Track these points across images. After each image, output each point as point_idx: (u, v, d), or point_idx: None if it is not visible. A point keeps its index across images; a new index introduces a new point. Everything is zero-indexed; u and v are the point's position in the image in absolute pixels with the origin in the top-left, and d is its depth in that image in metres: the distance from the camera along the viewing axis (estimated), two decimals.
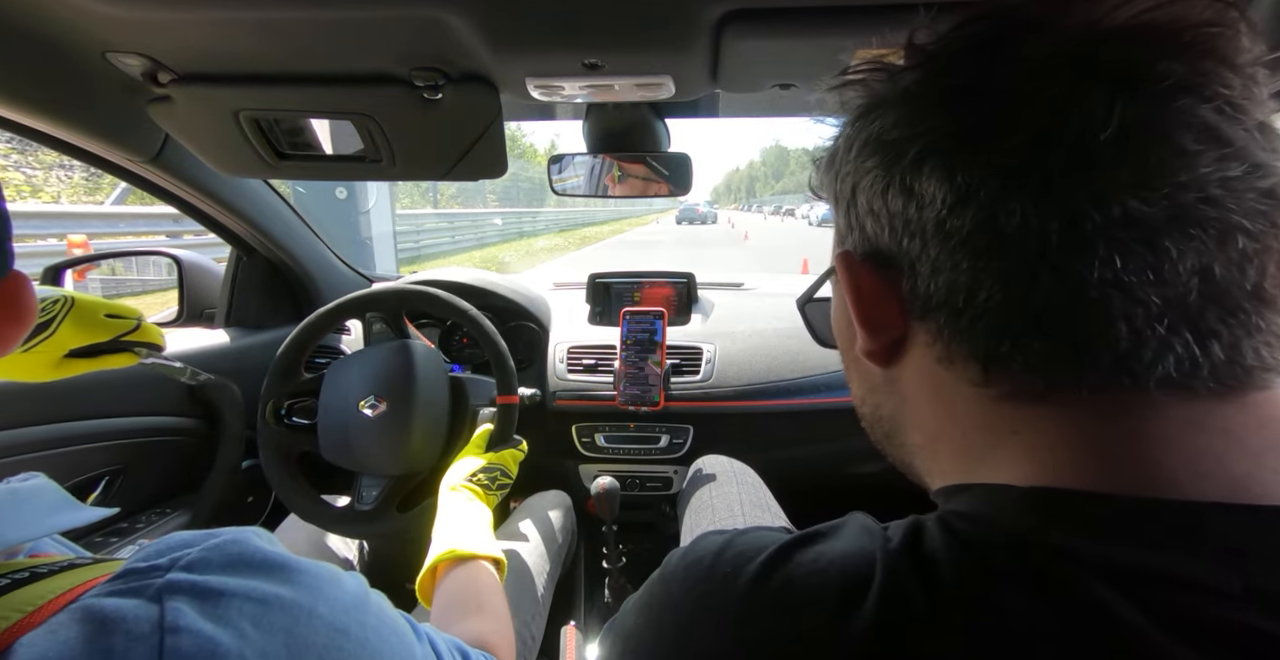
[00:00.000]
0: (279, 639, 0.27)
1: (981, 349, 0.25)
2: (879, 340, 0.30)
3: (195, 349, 1.16)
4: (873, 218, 0.28)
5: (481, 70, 0.67)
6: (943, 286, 0.26)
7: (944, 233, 0.25)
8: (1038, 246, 0.23)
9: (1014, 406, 0.26)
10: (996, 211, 0.24)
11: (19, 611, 0.24)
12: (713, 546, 0.30)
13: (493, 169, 0.82)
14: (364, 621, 0.31)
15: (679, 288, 1.36)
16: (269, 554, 0.30)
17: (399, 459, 0.88)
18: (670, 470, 1.23)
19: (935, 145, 0.25)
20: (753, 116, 1.02)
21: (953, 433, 0.29)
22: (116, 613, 0.24)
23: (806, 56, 0.62)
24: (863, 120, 0.29)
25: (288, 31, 0.59)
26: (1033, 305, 0.24)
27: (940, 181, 0.25)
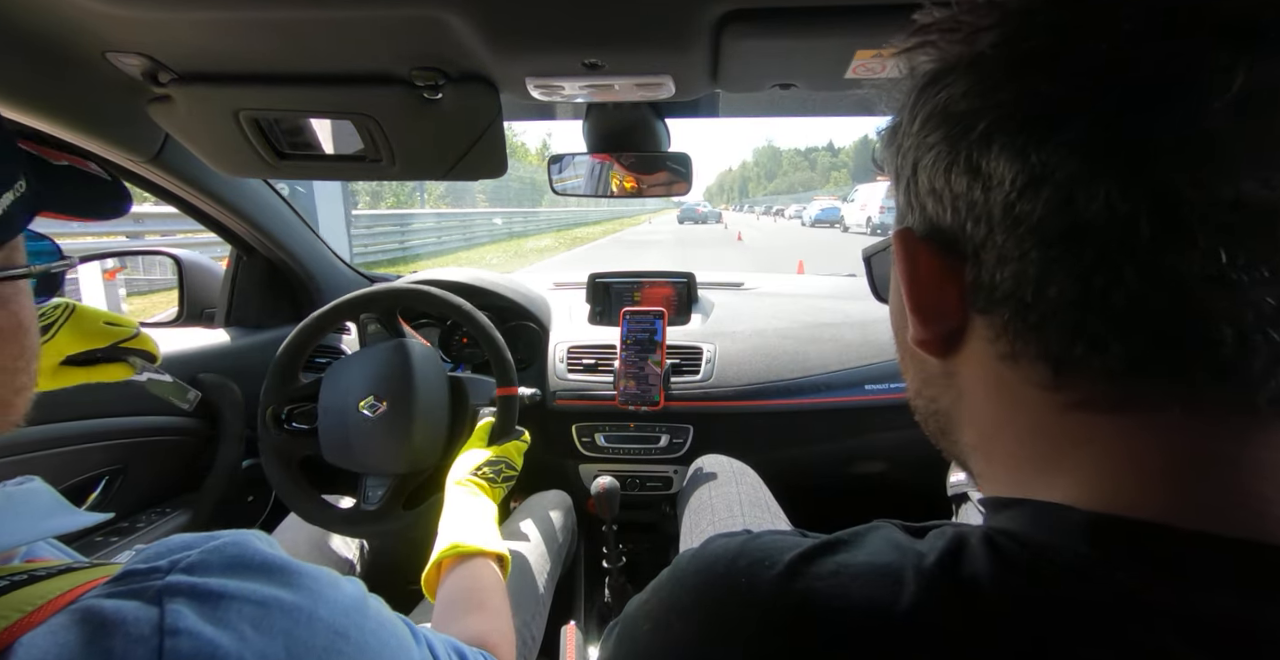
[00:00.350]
0: (279, 642, 0.27)
1: (1053, 350, 0.23)
2: (933, 330, 0.27)
3: (195, 349, 1.16)
4: (934, 198, 0.26)
5: (481, 70, 0.67)
6: (1009, 278, 0.23)
7: (1013, 218, 0.22)
8: (1123, 236, 0.20)
9: (1085, 416, 0.23)
10: (1075, 194, 0.21)
11: (18, 611, 0.24)
12: (726, 552, 0.28)
13: (493, 169, 0.82)
14: (363, 625, 0.31)
15: (679, 287, 1.36)
16: (269, 557, 0.30)
17: (402, 458, 0.88)
18: (670, 470, 1.23)
19: (1007, 118, 0.22)
20: (753, 116, 1.02)
21: (1011, 437, 0.26)
22: (116, 614, 0.24)
23: (806, 56, 0.62)
24: (929, 89, 0.26)
25: (288, 31, 0.59)
26: (1114, 304, 0.20)
27: (1010, 160, 0.22)
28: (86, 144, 0.79)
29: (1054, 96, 0.21)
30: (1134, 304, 0.20)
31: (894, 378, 1.17)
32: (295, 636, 0.27)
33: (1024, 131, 0.22)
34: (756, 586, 0.25)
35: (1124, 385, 0.22)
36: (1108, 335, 0.21)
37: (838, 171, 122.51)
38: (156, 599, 0.25)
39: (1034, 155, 0.21)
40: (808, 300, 1.38)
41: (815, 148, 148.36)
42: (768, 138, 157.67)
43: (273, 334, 1.27)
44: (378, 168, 0.81)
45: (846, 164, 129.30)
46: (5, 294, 0.31)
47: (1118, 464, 0.22)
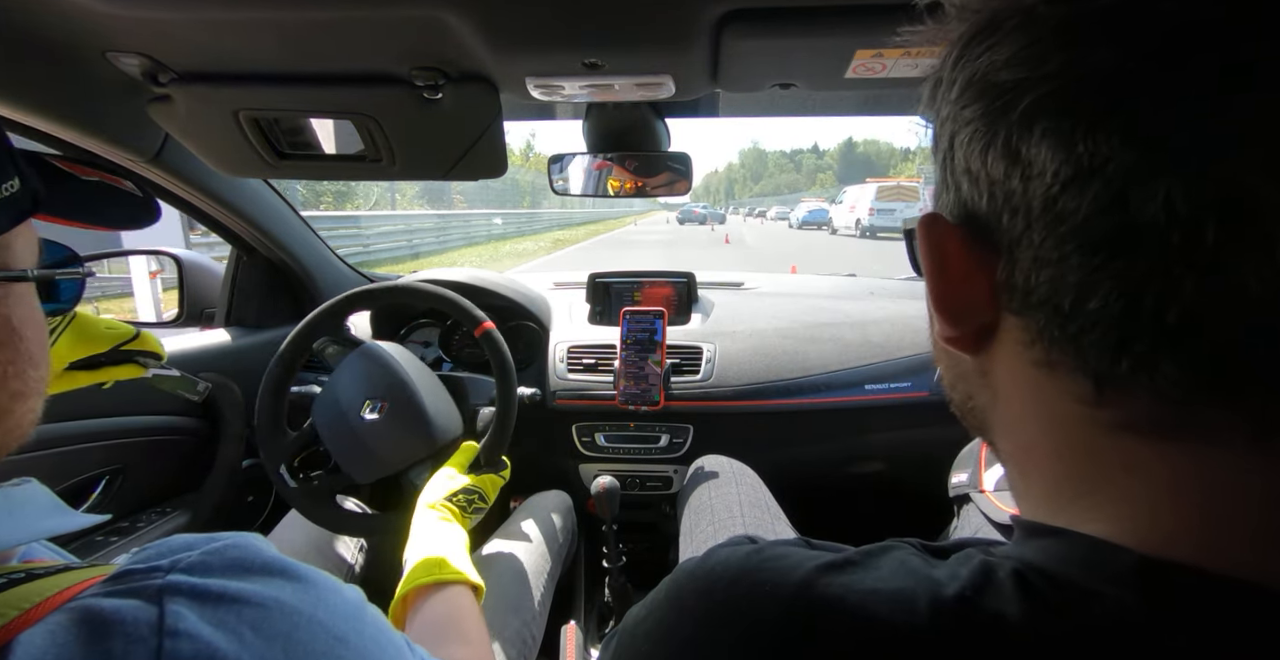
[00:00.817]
0: (278, 645, 0.26)
1: (1092, 365, 0.20)
2: (960, 328, 0.24)
3: (195, 349, 1.16)
4: (970, 179, 0.23)
5: (481, 70, 0.67)
6: (1045, 282, 0.20)
7: (1054, 214, 0.19)
8: (1184, 243, 0.17)
9: (1132, 440, 0.20)
10: (1129, 192, 0.18)
11: (16, 609, 0.24)
12: (727, 572, 0.26)
13: (493, 169, 0.82)
14: (362, 631, 0.31)
15: (679, 287, 1.36)
16: (271, 558, 0.30)
17: (428, 437, 0.89)
18: (670, 470, 1.23)
19: (1054, 96, 0.19)
20: (753, 116, 1.02)
21: (1048, 453, 0.23)
22: (115, 614, 0.24)
23: (806, 56, 0.62)
24: (973, 47, 0.22)
25: (288, 31, 0.59)
26: (1167, 318, 0.18)
27: (1055, 147, 0.19)
28: (86, 144, 0.79)
29: (1113, 71, 0.18)
30: (1191, 322, 0.18)
31: (894, 378, 1.16)
32: (295, 640, 0.27)
33: (1072, 113, 0.19)
34: (760, 612, 0.23)
35: (1179, 409, 0.19)
36: (1158, 353, 0.18)
37: (824, 173, 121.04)
38: (156, 598, 0.25)
39: (1082, 144, 0.18)
40: (807, 300, 1.38)
41: (800, 150, 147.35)
42: (753, 140, 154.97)
43: (273, 334, 1.27)
44: (378, 168, 0.81)
45: (831, 166, 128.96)
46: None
47: (1172, 500, 0.19)
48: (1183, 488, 0.19)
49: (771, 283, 1.53)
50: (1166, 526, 0.19)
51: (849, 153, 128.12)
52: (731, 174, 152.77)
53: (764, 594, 0.23)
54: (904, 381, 1.16)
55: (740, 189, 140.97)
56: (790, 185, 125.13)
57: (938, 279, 0.24)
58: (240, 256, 1.26)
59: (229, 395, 1.15)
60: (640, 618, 0.28)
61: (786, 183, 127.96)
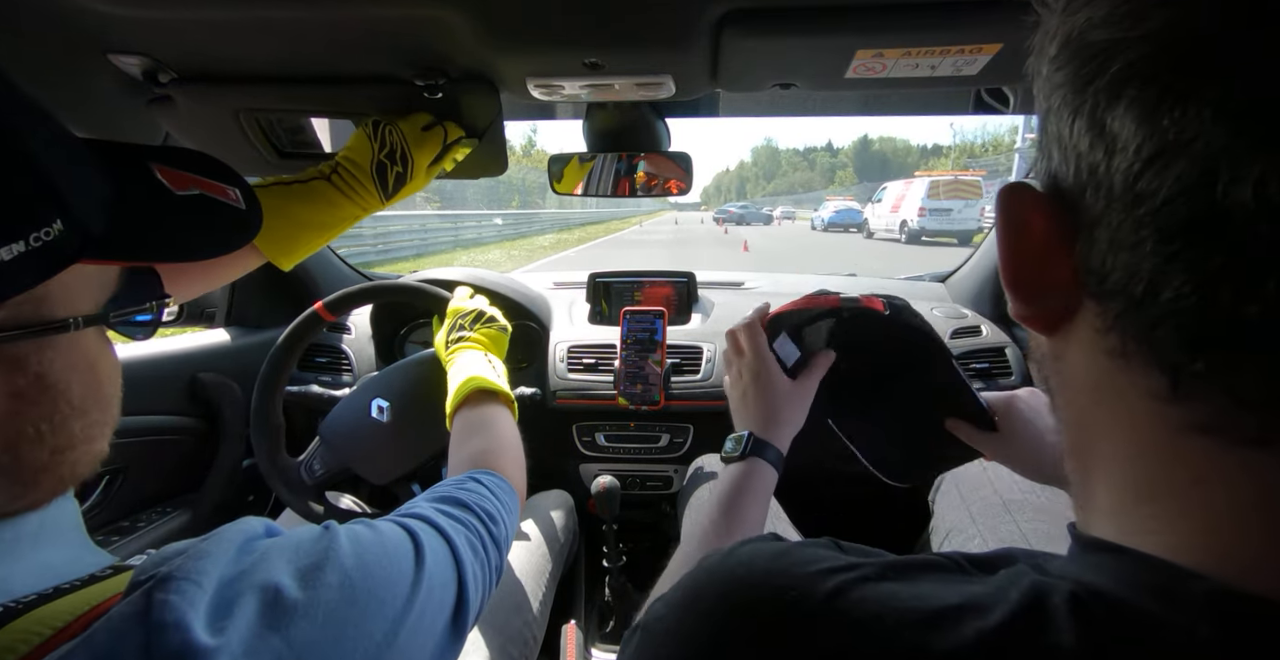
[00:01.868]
0: (256, 624, 0.27)
1: (1168, 360, 0.18)
2: (1033, 308, 0.23)
3: (195, 349, 1.16)
4: (1060, 149, 0.21)
5: (482, 70, 0.67)
6: (1120, 268, 0.19)
7: (1133, 195, 0.18)
8: (1275, 232, 0.15)
9: (1208, 443, 0.18)
10: (1216, 173, 0.16)
11: (38, 635, 0.24)
12: (749, 574, 0.24)
13: (493, 168, 0.82)
14: (341, 565, 0.31)
15: (679, 287, 1.36)
16: (256, 529, 0.31)
17: (441, 431, 0.89)
18: (670, 469, 1.23)
19: (1146, 61, 0.17)
20: (753, 116, 1.02)
21: (1112, 453, 0.21)
22: (106, 624, 0.24)
23: (806, 56, 0.62)
24: (1072, 3, 0.20)
25: (288, 31, 0.59)
26: (1248, 319, 0.16)
27: (1140, 120, 0.17)
28: None
29: (1213, 36, 0.16)
30: (1274, 321, 0.16)
31: None
32: (269, 608, 0.27)
33: (1161, 82, 0.17)
34: (782, 621, 0.21)
35: (1263, 416, 0.17)
36: (1236, 352, 0.17)
37: (842, 170, 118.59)
38: (146, 594, 0.25)
39: (1168, 116, 0.17)
40: None
41: (814, 148, 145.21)
42: (766, 137, 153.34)
43: (273, 334, 1.27)
44: None
45: (847, 164, 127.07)
46: (22, 353, 0.28)
47: (1256, 517, 0.17)
48: (1264, 508, 0.17)
49: (771, 282, 1.53)
50: (1235, 545, 0.17)
51: (864, 151, 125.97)
52: (743, 172, 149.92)
53: (789, 602, 0.22)
54: None
55: (753, 187, 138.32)
56: (805, 183, 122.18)
57: (1012, 252, 0.23)
58: None
59: (229, 395, 1.15)
60: (660, 616, 0.27)
61: (801, 181, 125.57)
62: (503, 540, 0.49)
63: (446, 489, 0.49)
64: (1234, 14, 0.16)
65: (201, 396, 1.13)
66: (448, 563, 0.39)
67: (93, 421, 0.32)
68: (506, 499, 0.53)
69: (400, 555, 0.35)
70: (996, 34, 0.55)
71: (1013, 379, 1.16)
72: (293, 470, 0.91)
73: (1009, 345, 1.20)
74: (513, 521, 0.53)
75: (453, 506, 0.46)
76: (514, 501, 0.55)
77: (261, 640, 0.26)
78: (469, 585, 0.40)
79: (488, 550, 0.45)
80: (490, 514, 0.48)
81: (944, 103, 0.97)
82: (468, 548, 0.42)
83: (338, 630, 0.29)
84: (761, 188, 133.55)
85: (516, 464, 0.62)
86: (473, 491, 0.49)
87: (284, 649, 0.27)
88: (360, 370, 1.24)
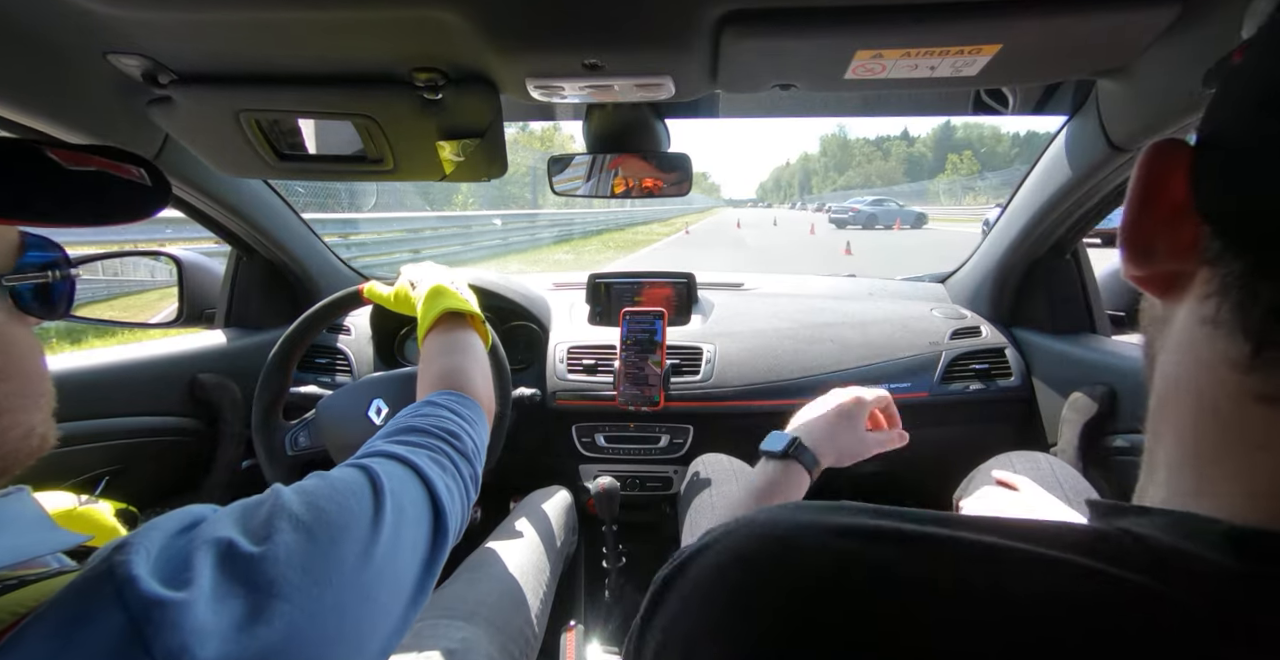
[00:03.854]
0: (219, 567, 0.28)
1: (1255, 327, 0.19)
2: (1145, 269, 0.23)
3: (195, 349, 1.16)
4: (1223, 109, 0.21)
5: (482, 71, 0.67)
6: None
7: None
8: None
9: (1273, 412, 0.19)
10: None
11: (11, 614, 0.25)
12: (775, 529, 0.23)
13: (493, 170, 0.82)
14: (291, 512, 0.33)
15: (679, 288, 1.36)
16: (195, 512, 0.32)
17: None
18: (670, 470, 1.23)
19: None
20: (753, 117, 1.02)
21: (1182, 415, 0.22)
22: (70, 588, 0.25)
23: (806, 57, 0.62)
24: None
25: (288, 32, 0.59)
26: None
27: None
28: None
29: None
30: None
31: (894, 378, 1.17)
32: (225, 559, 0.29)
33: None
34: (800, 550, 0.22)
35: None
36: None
37: (956, 155, 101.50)
38: (106, 559, 0.26)
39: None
40: (808, 300, 1.38)
41: (888, 137, 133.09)
42: (839, 125, 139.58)
43: (272, 334, 1.27)
44: (377, 168, 0.81)
45: (925, 154, 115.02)
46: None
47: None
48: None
49: (771, 283, 1.53)
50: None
51: (946, 139, 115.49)
52: (809, 164, 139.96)
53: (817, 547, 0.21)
54: (904, 382, 1.16)
55: (820, 182, 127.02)
56: (884, 175, 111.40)
57: (1140, 213, 0.23)
58: (240, 257, 1.27)
59: (229, 395, 1.15)
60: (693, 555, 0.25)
61: (879, 172, 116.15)
62: (471, 453, 0.50)
63: (400, 420, 0.51)
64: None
65: (201, 397, 1.13)
66: (412, 482, 0.41)
67: (14, 390, 0.33)
68: (468, 412, 0.54)
69: (352, 488, 0.37)
70: (996, 35, 0.55)
71: (1012, 379, 1.16)
72: (280, 433, 0.94)
73: (1009, 346, 1.20)
74: (479, 433, 0.54)
75: (408, 434, 0.48)
76: (478, 413, 0.57)
77: (225, 588, 0.27)
78: (442, 497, 0.42)
79: (456, 464, 0.47)
80: (451, 431, 0.50)
81: (944, 103, 0.97)
82: (433, 465, 0.44)
83: (304, 563, 0.30)
84: (831, 181, 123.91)
85: (483, 380, 0.64)
86: (428, 416, 0.51)
87: (250, 594, 0.28)
88: (360, 371, 1.24)
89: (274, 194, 1.19)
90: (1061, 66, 0.67)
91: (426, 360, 0.65)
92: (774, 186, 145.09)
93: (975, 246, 1.31)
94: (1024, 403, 1.16)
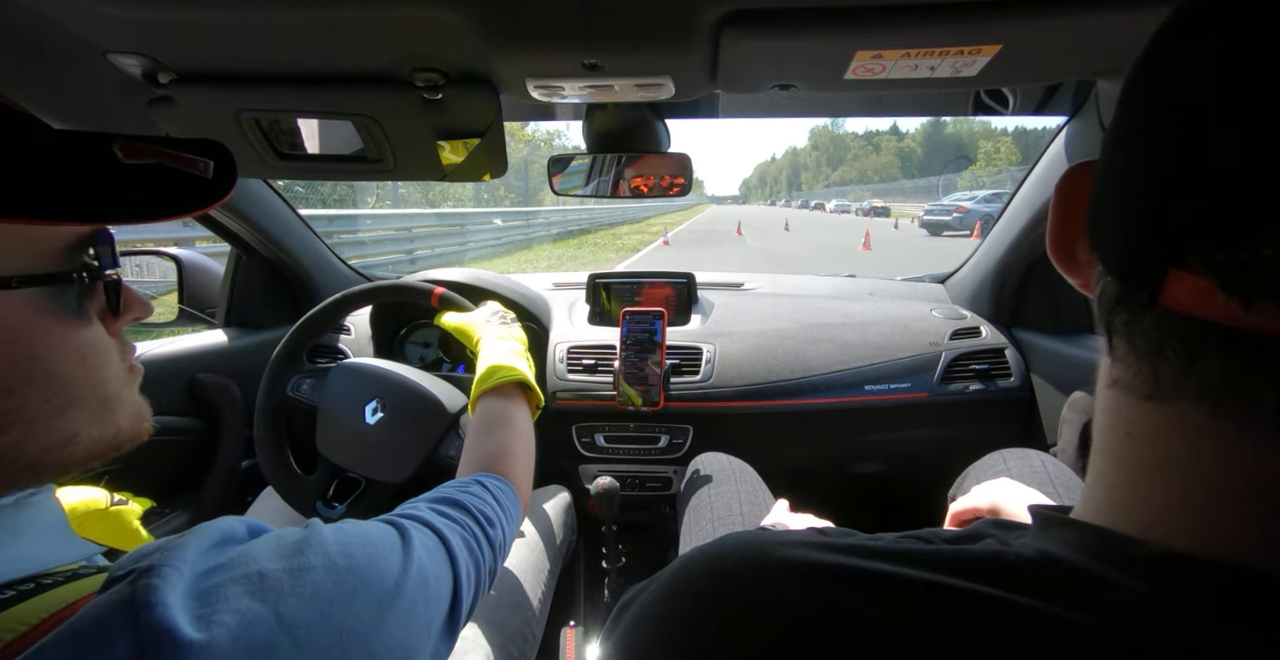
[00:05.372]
0: (250, 598, 0.27)
1: (1103, 318, 0.22)
2: (1075, 275, 0.26)
3: (195, 349, 1.16)
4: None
5: (481, 71, 0.67)
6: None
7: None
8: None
9: (1119, 396, 0.22)
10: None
11: (12, 631, 0.25)
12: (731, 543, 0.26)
13: (493, 169, 0.82)
14: (325, 551, 0.32)
15: (679, 288, 1.36)
16: (236, 529, 0.31)
17: (441, 411, 0.89)
18: (670, 470, 1.23)
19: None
20: (753, 117, 1.02)
21: (1098, 427, 0.24)
22: (91, 608, 0.25)
23: (806, 57, 0.62)
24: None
25: (288, 31, 0.59)
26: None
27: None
28: None
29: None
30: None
31: (893, 378, 1.17)
32: (256, 592, 0.28)
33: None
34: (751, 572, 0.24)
35: (1153, 363, 0.20)
36: (1130, 309, 0.21)
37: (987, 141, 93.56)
38: (130, 583, 0.26)
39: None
40: (808, 300, 1.38)
41: (877, 132, 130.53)
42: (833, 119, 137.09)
43: (273, 334, 1.27)
44: (378, 168, 0.81)
45: (915, 150, 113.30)
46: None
47: (1159, 478, 0.20)
48: (1167, 460, 0.20)
49: (771, 283, 1.53)
50: (1131, 502, 0.21)
51: (936, 134, 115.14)
52: (798, 159, 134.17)
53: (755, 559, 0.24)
54: (903, 382, 1.16)
55: (812, 177, 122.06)
56: (880, 170, 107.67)
57: (1058, 225, 0.25)
58: (240, 257, 1.27)
59: (229, 395, 1.15)
60: (640, 617, 0.28)
61: (874, 166, 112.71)
62: (500, 545, 0.49)
63: (448, 490, 0.50)
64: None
65: (201, 397, 1.13)
66: (441, 557, 0.40)
67: (23, 401, 0.30)
68: (509, 504, 0.53)
69: (386, 544, 0.36)
70: (996, 35, 0.55)
71: (1012, 380, 1.16)
72: (291, 372, 0.95)
73: (1008, 346, 1.20)
74: (513, 527, 0.53)
75: (450, 507, 0.46)
76: (516, 508, 0.55)
77: (251, 627, 0.26)
78: (463, 583, 0.41)
79: (483, 551, 0.45)
80: (489, 517, 0.48)
81: (944, 104, 0.97)
82: (462, 546, 0.43)
83: (324, 609, 0.29)
84: (823, 176, 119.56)
85: (526, 468, 0.62)
86: (474, 495, 0.50)
87: (274, 624, 0.27)
88: None
89: (274, 194, 1.19)
90: (1061, 66, 0.67)
91: (477, 431, 0.65)
92: (759, 183, 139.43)
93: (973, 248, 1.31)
94: (1024, 403, 1.16)
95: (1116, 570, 0.19)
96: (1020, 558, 0.20)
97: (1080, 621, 0.18)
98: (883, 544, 0.23)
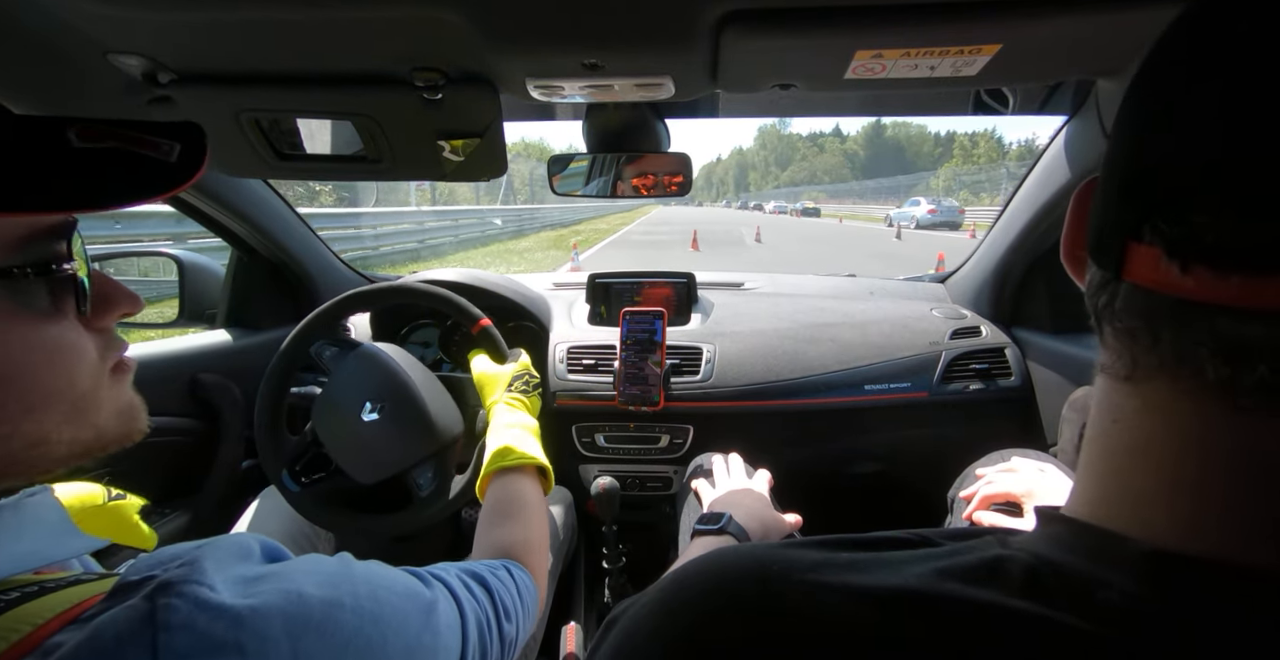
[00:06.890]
0: (276, 623, 0.27)
1: (1094, 313, 0.23)
2: (1080, 280, 0.27)
3: (195, 349, 1.16)
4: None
5: (481, 70, 0.67)
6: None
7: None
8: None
9: (1105, 381, 0.22)
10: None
11: (17, 631, 0.24)
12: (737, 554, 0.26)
13: (493, 169, 0.82)
14: (355, 591, 0.32)
15: (679, 288, 1.36)
16: (253, 545, 0.31)
17: (430, 436, 0.89)
18: (670, 470, 1.23)
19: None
20: (753, 117, 1.02)
21: (1092, 418, 0.24)
22: (110, 623, 0.24)
23: (806, 57, 0.62)
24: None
25: (288, 31, 0.59)
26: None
27: None
28: None
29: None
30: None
31: (894, 378, 1.17)
32: (290, 614, 0.28)
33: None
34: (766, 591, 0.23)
35: (1129, 345, 0.20)
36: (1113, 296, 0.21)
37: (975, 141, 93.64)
38: (149, 598, 0.25)
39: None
40: (808, 300, 1.38)
41: (821, 133, 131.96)
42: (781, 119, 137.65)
43: (273, 334, 1.27)
44: (378, 168, 0.81)
45: (858, 152, 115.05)
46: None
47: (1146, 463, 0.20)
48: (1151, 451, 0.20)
49: (771, 283, 1.53)
50: (1120, 496, 0.21)
51: (877, 138, 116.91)
52: (745, 160, 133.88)
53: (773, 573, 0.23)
54: (904, 382, 1.16)
55: (761, 177, 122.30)
56: (830, 171, 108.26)
57: (1071, 234, 0.26)
58: (240, 257, 1.26)
59: (229, 395, 1.15)
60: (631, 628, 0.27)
61: (823, 167, 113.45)
62: (510, 642, 0.47)
63: (479, 567, 0.49)
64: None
65: (201, 397, 1.13)
66: (455, 632, 0.39)
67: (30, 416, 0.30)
68: (530, 603, 0.52)
69: (412, 598, 0.36)
70: (996, 35, 0.55)
71: (1012, 379, 1.16)
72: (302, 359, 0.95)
73: (1009, 346, 1.20)
74: (526, 626, 0.51)
75: (478, 584, 0.46)
76: (534, 608, 0.54)
77: (273, 643, 0.26)
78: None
79: (491, 641, 0.44)
80: (508, 610, 0.47)
81: (943, 103, 0.97)
82: (475, 629, 0.41)
83: (338, 654, 0.29)
84: (774, 177, 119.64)
85: (543, 557, 0.62)
86: (502, 581, 0.49)
87: (290, 656, 0.27)
88: None
89: (274, 194, 1.19)
90: (1061, 66, 0.67)
91: (495, 513, 0.64)
92: (705, 183, 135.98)
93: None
94: (1024, 403, 1.16)
95: (1106, 569, 0.19)
96: (1014, 560, 0.20)
97: (1076, 625, 0.18)
98: (880, 556, 0.23)
